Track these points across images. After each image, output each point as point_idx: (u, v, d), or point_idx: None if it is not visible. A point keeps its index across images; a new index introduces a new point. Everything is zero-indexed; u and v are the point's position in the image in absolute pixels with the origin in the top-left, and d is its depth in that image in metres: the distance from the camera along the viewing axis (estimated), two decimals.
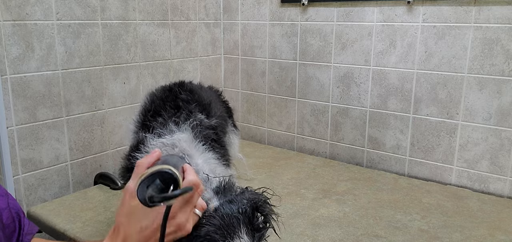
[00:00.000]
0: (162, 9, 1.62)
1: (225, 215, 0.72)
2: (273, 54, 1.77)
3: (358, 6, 1.51)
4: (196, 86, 1.10)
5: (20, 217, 0.78)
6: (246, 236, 0.72)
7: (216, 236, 0.70)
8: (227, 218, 0.71)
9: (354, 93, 1.58)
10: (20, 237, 0.77)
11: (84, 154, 1.44)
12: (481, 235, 1.08)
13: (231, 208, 0.73)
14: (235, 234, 0.71)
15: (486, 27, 1.29)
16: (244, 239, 0.71)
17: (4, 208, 0.75)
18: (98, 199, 1.29)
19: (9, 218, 0.76)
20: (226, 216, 0.72)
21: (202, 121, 0.95)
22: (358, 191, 1.35)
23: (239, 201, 0.74)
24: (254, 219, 0.74)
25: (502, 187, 1.34)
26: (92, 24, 1.40)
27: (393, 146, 1.53)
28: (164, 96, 1.01)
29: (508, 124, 1.30)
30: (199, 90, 1.06)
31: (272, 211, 0.78)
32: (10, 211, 0.76)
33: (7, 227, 0.75)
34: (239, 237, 0.71)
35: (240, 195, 0.75)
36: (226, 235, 0.70)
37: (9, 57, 1.21)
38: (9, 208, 0.76)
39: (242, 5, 1.82)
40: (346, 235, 1.07)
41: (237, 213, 0.73)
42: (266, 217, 0.77)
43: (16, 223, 0.78)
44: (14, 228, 0.77)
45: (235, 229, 0.71)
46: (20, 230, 0.78)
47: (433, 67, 1.40)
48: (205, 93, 1.08)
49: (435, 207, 1.23)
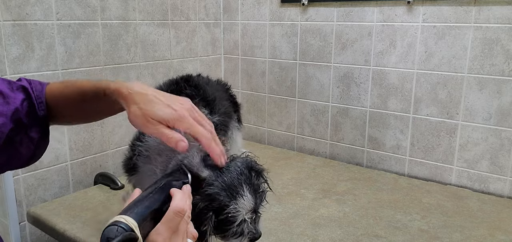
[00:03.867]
0: (162, 9, 1.62)
1: (228, 176, 0.74)
2: (273, 54, 1.77)
3: (358, 6, 1.51)
4: (202, 81, 1.09)
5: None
6: (249, 194, 0.74)
7: (221, 198, 0.72)
8: (228, 180, 0.73)
9: (354, 93, 1.58)
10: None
11: (84, 154, 1.44)
12: (481, 235, 1.08)
13: (230, 171, 0.75)
14: (238, 194, 0.73)
15: (486, 27, 1.29)
16: (248, 197, 0.74)
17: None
18: (98, 199, 1.29)
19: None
20: (228, 178, 0.74)
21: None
22: (358, 191, 1.35)
23: (233, 165, 0.76)
24: (252, 178, 0.77)
25: (502, 187, 1.34)
26: (92, 24, 1.40)
27: (393, 146, 1.53)
28: (169, 91, 1.02)
29: (508, 124, 1.30)
30: (205, 85, 1.06)
31: (263, 169, 0.81)
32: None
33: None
34: (242, 195, 0.73)
35: (232, 161, 0.78)
36: (230, 196, 0.72)
37: (9, 57, 1.21)
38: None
39: (242, 5, 1.82)
40: (346, 235, 1.07)
41: (236, 175, 0.75)
42: (261, 174, 0.80)
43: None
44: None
45: (237, 189, 0.73)
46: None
47: (433, 67, 1.40)
48: (210, 89, 1.07)
49: (435, 207, 1.23)
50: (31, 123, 0.78)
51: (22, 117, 0.76)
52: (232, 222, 0.73)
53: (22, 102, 0.76)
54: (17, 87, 0.77)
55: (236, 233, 0.75)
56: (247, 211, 0.74)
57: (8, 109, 0.73)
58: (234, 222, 0.73)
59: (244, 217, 0.74)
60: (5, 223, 1.28)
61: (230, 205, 0.72)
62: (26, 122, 0.76)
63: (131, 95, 0.74)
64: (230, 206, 0.72)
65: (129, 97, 0.74)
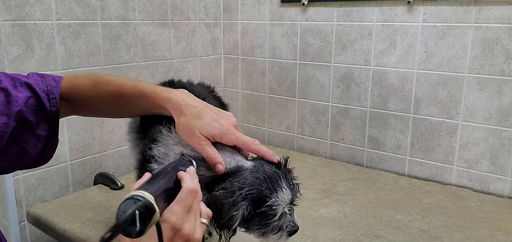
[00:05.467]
0: (162, 9, 1.62)
1: (266, 170, 0.75)
2: (273, 54, 1.77)
3: (358, 6, 1.51)
4: (187, 84, 1.11)
5: None
6: (287, 187, 0.76)
7: (262, 188, 0.73)
8: (268, 172, 0.75)
9: (354, 93, 1.58)
10: None
11: (84, 154, 1.44)
12: (481, 235, 1.08)
13: (267, 165, 0.77)
14: (278, 186, 0.74)
15: (486, 27, 1.29)
16: (287, 190, 0.75)
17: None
18: (98, 199, 1.29)
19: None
20: (267, 171, 0.75)
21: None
22: (358, 191, 1.35)
23: (266, 162, 0.78)
24: (288, 174, 0.79)
25: (503, 187, 1.34)
26: (92, 24, 1.40)
27: (393, 146, 1.53)
28: None
29: (508, 124, 1.30)
30: (190, 86, 1.07)
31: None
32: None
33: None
34: (282, 188, 0.75)
35: (261, 159, 0.79)
36: (270, 188, 0.73)
37: (9, 57, 1.21)
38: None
39: (242, 5, 1.82)
40: (346, 235, 1.07)
41: (274, 168, 0.77)
42: (290, 170, 0.81)
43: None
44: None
45: (278, 182, 0.75)
46: None
47: (433, 67, 1.40)
48: (197, 89, 1.08)
49: (435, 207, 1.23)
50: (38, 120, 0.76)
51: (27, 115, 0.74)
52: (273, 215, 0.74)
53: (27, 99, 0.74)
54: (20, 83, 0.75)
55: (276, 228, 0.75)
56: (286, 203, 0.75)
57: (10, 107, 0.72)
58: (275, 215, 0.74)
59: (284, 210, 0.75)
60: (5, 223, 1.28)
61: (271, 197, 0.73)
62: (32, 119, 0.75)
63: (183, 106, 0.77)
64: (271, 198, 0.73)
65: (180, 108, 0.77)
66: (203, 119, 0.77)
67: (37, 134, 0.77)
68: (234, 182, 0.73)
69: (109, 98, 0.83)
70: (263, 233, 0.76)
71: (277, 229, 0.75)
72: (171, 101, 0.78)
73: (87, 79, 0.83)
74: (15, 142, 0.74)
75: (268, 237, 0.76)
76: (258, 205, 0.73)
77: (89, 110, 0.88)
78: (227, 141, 0.79)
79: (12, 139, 0.73)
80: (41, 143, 0.78)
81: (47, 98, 0.77)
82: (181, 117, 0.77)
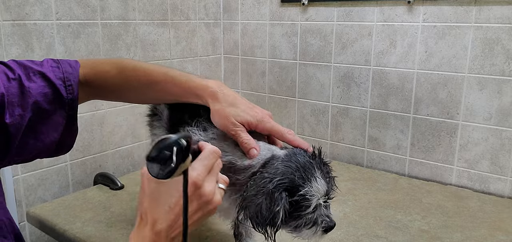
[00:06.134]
0: (162, 9, 1.61)
1: (299, 159, 0.72)
2: (273, 54, 1.77)
3: (358, 6, 1.51)
4: None
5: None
6: (322, 177, 0.72)
7: (294, 177, 0.69)
8: (301, 162, 0.71)
9: (354, 93, 1.58)
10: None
11: (84, 154, 1.44)
12: (482, 236, 1.08)
13: (301, 154, 0.73)
14: (312, 176, 0.71)
15: (487, 27, 1.29)
16: (321, 181, 0.71)
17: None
18: (97, 199, 1.29)
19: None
20: (300, 160, 0.72)
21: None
22: (358, 191, 1.34)
23: (300, 151, 0.75)
24: (323, 165, 0.75)
25: (503, 187, 1.34)
26: (91, 24, 1.40)
27: (394, 146, 1.53)
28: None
29: (508, 124, 1.30)
30: None
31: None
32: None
33: None
34: (316, 178, 0.71)
35: (296, 149, 0.76)
36: (303, 177, 0.70)
37: (9, 57, 1.21)
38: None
39: (242, 5, 1.82)
40: (346, 236, 1.07)
41: (309, 158, 0.73)
42: (326, 163, 0.77)
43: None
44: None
45: (311, 171, 0.71)
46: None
47: (433, 67, 1.40)
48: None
49: (435, 207, 1.23)
50: (55, 109, 0.75)
51: (43, 105, 0.73)
52: (306, 207, 0.69)
53: (42, 88, 0.73)
54: (34, 72, 0.74)
55: (310, 221, 0.71)
56: (321, 195, 0.71)
57: (25, 99, 0.71)
58: (309, 206, 0.69)
59: (320, 201, 0.71)
60: None
61: (305, 186, 0.69)
62: (48, 108, 0.74)
63: (218, 94, 0.78)
64: (305, 187, 0.69)
65: (216, 96, 0.78)
66: (238, 107, 0.78)
67: (54, 123, 0.76)
68: (264, 173, 0.70)
69: (136, 85, 0.83)
70: (296, 227, 0.72)
71: (311, 223, 0.71)
72: (208, 89, 0.79)
73: (112, 66, 0.83)
74: (32, 133, 0.73)
75: (302, 232, 0.72)
76: (291, 195, 0.69)
77: (113, 96, 0.88)
78: (262, 128, 0.80)
79: (29, 130, 0.72)
80: (59, 132, 0.77)
81: (63, 85, 0.76)
82: (217, 105, 0.78)
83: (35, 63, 0.75)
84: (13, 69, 0.72)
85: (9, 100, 0.68)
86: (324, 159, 0.77)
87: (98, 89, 0.83)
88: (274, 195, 0.67)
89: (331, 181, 0.76)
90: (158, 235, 0.59)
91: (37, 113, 0.73)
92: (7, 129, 0.68)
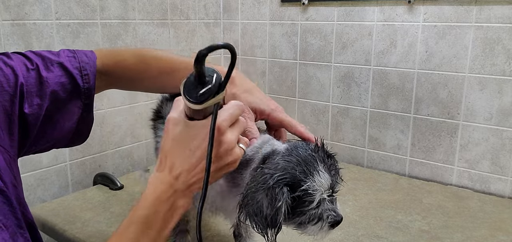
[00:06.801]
0: (162, 9, 1.61)
1: (301, 153, 0.70)
2: (273, 54, 1.77)
3: (359, 6, 1.50)
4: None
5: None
6: (325, 171, 0.69)
7: (296, 172, 0.67)
8: (303, 155, 0.69)
9: (355, 93, 1.57)
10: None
11: (84, 154, 1.44)
12: (482, 236, 1.08)
13: (302, 148, 0.71)
14: (315, 170, 0.67)
15: (487, 27, 1.28)
16: (325, 175, 0.69)
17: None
18: (97, 199, 1.29)
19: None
20: (302, 154, 0.69)
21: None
22: (358, 191, 1.34)
23: (302, 144, 0.73)
24: (326, 158, 0.72)
25: (503, 188, 1.34)
26: (91, 23, 1.39)
27: (394, 146, 1.52)
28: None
29: (509, 124, 1.30)
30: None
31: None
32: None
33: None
34: (319, 171, 0.68)
35: (299, 142, 0.75)
36: (305, 171, 0.67)
37: None
38: None
39: (242, 4, 1.82)
40: (346, 236, 1.07)
41: (311, 151, 0.70)
42: (331, 155, 0.75)
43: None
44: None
45: (314, 165, 0.68)
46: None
47: (433, 67, 1.39)
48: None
49: (435, 208, 1.23)
50: (71, 98, 0.76)
51: (60, 94, 0.74)
52: (310, 202, 0.66)
53: (59, 78, 0.74)
54: (52, 63, 0.75)
55: (314, 217, 0.68)
56: (325, 189, 0.68)
57: (43, 88, 0.72)
58: (312, 201, 0.66)
59: (323, 196, 0.68)
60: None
61: (307, 181, 0.66)
62: (65, 98, 0.75)
63: (236, 79, 0.80)
64: (306, 182, 0.66)
65: (233, 81, 0.79)
66: (254, 95, 0.80)
67: (71, 112, 0.77)
68: (264, 169, 0.68)
69: (157, 74, 0.84)
70: (300, 223, 0.69)
71: (316, 218, 0.68)
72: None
73: (132, 56, 0.84)
74: (50, 122, 0.74)
75: (307, 228, 0.69)
76: (292, 190, 0.66)
77: (131, 85, 0.89)
78: (274, 118, 0.81)
79: (46, 120, 0.73)
80: (75, 121, 0.78)
81: (79, 75, 0.77)
82: (233, 88, 0.79)
83: (52, 53, 0.77)
84: (31, 60, 0.73)
85: (28, 90, 0.69)
86: (328, 151, 0.74)
87: (117, 78, 0.84)
88: (275, 191, 0.65)
89: (336, 174, 0.72)
90: (177, 178, 0.60)
91: (55, 102, 0.74)
92: (26, 118, 0.69)
